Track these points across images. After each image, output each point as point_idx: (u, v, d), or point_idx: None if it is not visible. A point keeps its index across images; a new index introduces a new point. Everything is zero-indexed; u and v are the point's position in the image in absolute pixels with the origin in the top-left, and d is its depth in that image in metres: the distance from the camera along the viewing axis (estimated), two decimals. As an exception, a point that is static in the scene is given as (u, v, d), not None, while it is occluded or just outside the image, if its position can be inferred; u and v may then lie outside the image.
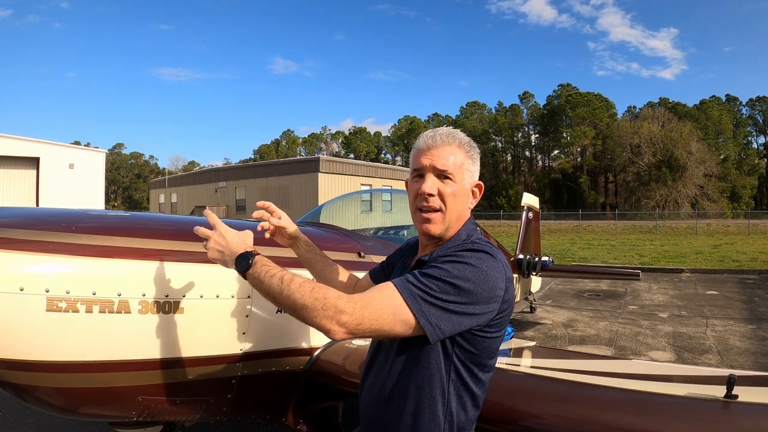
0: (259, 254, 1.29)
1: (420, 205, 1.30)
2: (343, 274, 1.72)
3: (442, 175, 1.29)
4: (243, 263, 1.27)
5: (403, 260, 1.51)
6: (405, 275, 1.19)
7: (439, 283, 1.13)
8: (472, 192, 1.36)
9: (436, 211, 1.29)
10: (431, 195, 1.28)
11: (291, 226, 1.70)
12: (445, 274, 1.14)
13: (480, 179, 1.38)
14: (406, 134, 74.97)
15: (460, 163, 1.30)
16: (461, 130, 1.35)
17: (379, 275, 1.64)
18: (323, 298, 1.11)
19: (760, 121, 64.50)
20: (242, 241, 1.35)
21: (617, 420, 1.65)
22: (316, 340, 2.25)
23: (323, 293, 1.12)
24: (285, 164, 33.30)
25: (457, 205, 1.31)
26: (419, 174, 1.32)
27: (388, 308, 1.11)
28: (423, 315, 1.11)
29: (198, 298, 1.79)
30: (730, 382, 1.61)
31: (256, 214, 1.74)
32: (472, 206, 1.36)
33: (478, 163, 1.36)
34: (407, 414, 1.24)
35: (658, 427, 1.57)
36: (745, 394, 1.64)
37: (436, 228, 1.30)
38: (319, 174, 29.06)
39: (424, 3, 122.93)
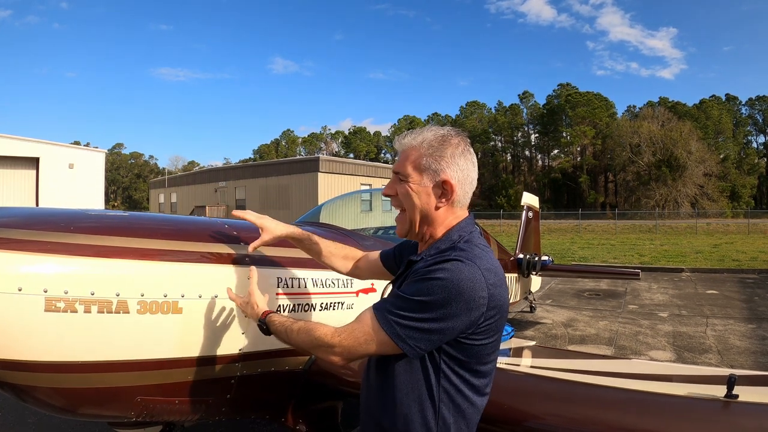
0: (269, 313, 1.51)
1: None
2: (341, 256, 1.86)
3: (399, 177, 1.33)
4: (262, 331, 1.52)
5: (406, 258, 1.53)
6: (383, 299, 1.30)
7: (411, 303, 1.18)
8: (442, 190, 1.29)
9: (402, 211, 1.35)
10: (387, 196, 1.36)
11: (272, 238, 1.84)
12: (415, 292, 1.18)
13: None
14: (406, 134, 74.81)
15: (417, 164, 1.29)
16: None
17: (390, 259, 1.72)
18: (316, 339, 1.30)
19: (760, 121, 64.50)
20: (255, 306, 1.58)
21: (618, 420, 1.65)
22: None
23: (315, 335, 1.30)
24: (285, 164, 33.33)
25: (416, 206, 1.30)
26: None
27: (367, 335, 1.23)
28: (399, 338, 1.18)
29: (196, 298, 1.78)
30: (731, 381, 1.61)
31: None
32: (443, 204, 1.30)
33: (451, 159, 1.28)
34: (398, 417, 1.25)
35: (659, 427, 1.56)
36: (746, 394, 1.64)
37: (399, 228, 1.39)
38: (319, 174, 29.07)
39: (423, 3, 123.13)
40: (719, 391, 1.65)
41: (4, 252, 1.45)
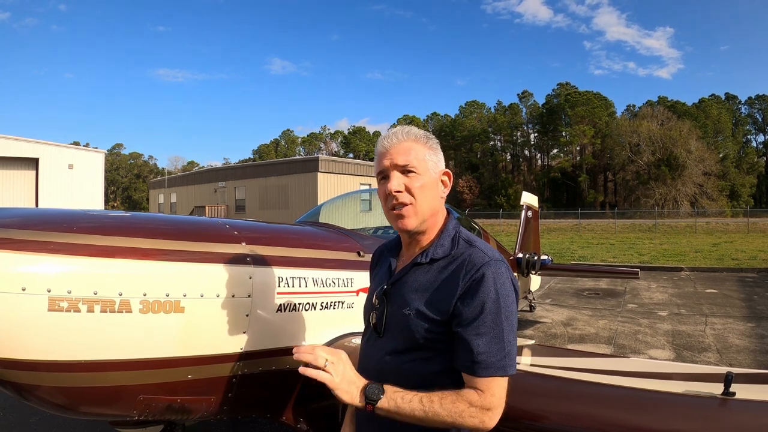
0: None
1: (391, 205, 1.30)
2: None
3: (406, 170, 1.29)
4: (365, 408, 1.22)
5: (381, 264, 1.47)
6: (476, 355, 1.19)
7: (500, 332, 1.21)
8: (442, 181, 1.36)
9: (406, 205, 1.29)
10: (399, 192, 1.28)
11: None
12: (495, 321, 1.21)
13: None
14: (406, 133, 74.68)
15: (421, 156, 1.30)
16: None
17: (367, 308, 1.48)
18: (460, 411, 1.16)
19: (759, 120, 64.52)
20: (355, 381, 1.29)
21: (616, 417, 1.66)
22: (317, 338, 2.26)
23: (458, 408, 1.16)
24: (284, 164, 33.26)
25: (427, 197, 1.31)
26: (384, 176, 1.32)
27: (504, 390, 1.23)
28: (515, 365, 1.25)
29: (198, 297, 1.79)
30: (728, 379, 1.63)
31: None
32: (445, 195, 1.37)
33: (441, 153, 1.37)
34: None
35: (657, 423, 1.58)
36: (743, 392, 1.65)
37: (410, 222, 1.29)
38: (319, 173, 29.02)
39: (420, 3, 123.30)
40: (716, 388, 1.66)
41: (8, 252, 1.46)
